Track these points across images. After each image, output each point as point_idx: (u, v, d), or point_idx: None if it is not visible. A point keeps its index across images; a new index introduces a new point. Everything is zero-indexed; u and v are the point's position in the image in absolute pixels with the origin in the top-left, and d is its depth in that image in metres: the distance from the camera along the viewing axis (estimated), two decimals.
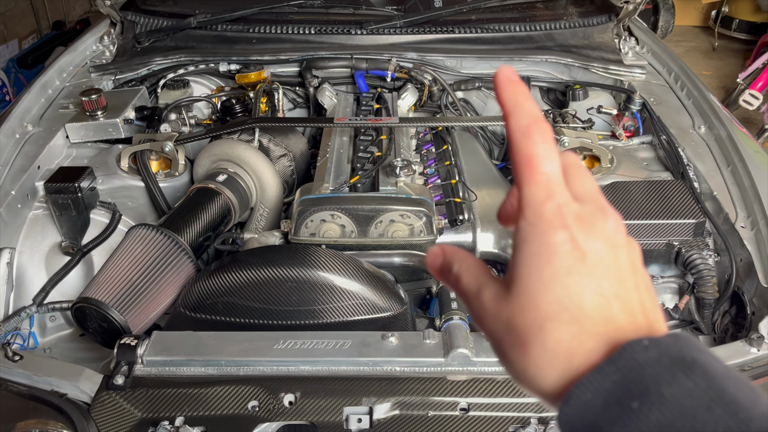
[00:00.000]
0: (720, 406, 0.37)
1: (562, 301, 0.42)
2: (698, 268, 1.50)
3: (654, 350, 0.40)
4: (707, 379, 0.38)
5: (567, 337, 0.42)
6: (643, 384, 0.38)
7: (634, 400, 0.38)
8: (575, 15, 2.38)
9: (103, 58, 2.34)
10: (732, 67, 5.66)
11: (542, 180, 0.44)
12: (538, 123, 0.45)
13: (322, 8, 2.37)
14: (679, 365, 0.39)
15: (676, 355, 0.39)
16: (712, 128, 1.87)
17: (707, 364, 0.39)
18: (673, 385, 0.38)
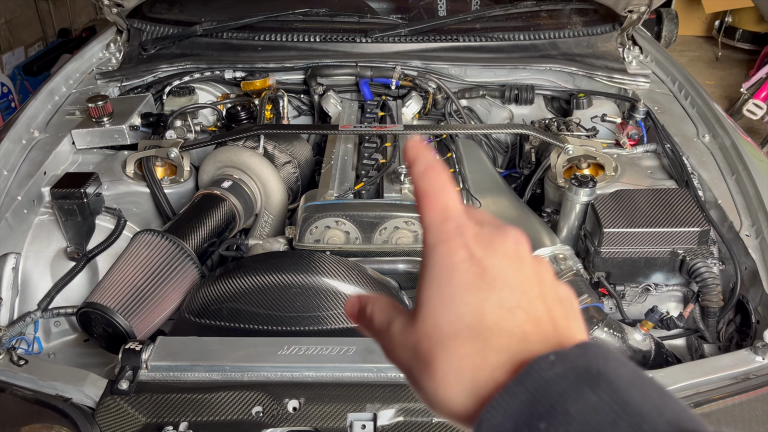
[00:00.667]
0: (624, 420, 0.37)
1: (463, 318, 0.42)
2: (703, 277, 1.50)
3: (560, 365, 0.39)
4: (612, 391, 0.38)
5: (470, 352, 0.42)
6: (550, 403, 0.38)
7: (542, 420, 0.37)
8: (579, 24, 2.39)
9: (110, 65, 2.36)
10: (735, 77, 5.67)
11: (439, 206, 0.46)
12: (434, 167, 0.47)
13: (327, 16, 2.38)
14: (585, 379, 0.38)
15: (582, 368, 0.39)
16: (716, 137, 1.87)
17: (613, 374, 0.39)
18: (578, 402, 0.37)
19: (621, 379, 0.39)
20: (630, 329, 1.49)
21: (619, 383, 0.38)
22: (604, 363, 0.39)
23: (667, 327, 1.52)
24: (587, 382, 0.38)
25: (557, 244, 1.64)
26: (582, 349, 0.40)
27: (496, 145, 2.35)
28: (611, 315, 1.55)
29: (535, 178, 1.96)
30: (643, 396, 0.38)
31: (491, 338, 0.42)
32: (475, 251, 0.44)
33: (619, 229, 1.54)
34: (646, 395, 0.38)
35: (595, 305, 1.49)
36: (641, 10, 2.21)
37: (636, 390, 0.38)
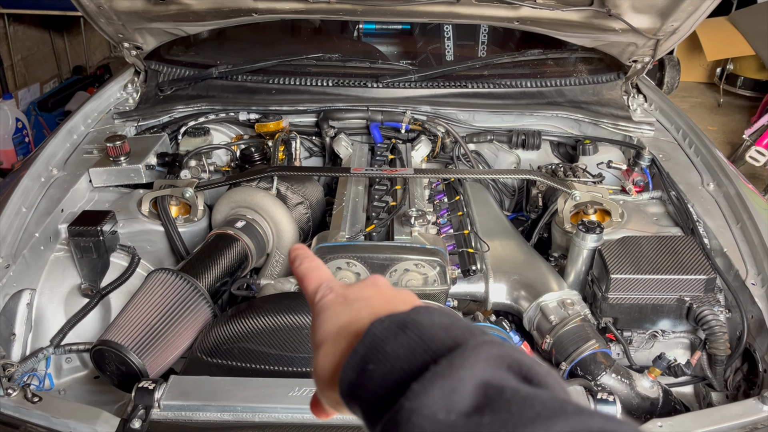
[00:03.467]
0: (420, 347, 0.49)
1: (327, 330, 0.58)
2: (710, 324, 1.51)
3: (387, 321, 0.52)
4: (416, 330, 0.50)
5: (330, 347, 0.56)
6: (376, 349, 0.51)
7: (371, 362, 0.50)
8: (585, 72, 2.45)
9: (127, 105, 2.42)
10: (737, 123, 5.74)
11: (314, 280, 0.64)
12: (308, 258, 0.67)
13: (340, 62, 2.45)
14: (401, 326, 0.51)
15: (400, 320, 0.52)
16: (721, 185, 1.90)
17: (422, 320, 0.51)
18: (393, 342, 0.50)
19: (429, 322, 0.51)
20: (638, 376, 1.50)
21: (423, 324, 0.51)
22: (419, 314, 0.52)
23: (675, 374, 1.53)
24: (401, 327, 0.51)
25: (565, 289, 1.66)
26: (411, 309, 0.53)
27: (503, 189, 2.38)
28: (619, 361, 1.56)
29: (542, 223, 1.99)
30: (441, 328, 0.50)
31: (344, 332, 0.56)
32: (339, 290, 0.62)
33: (626, 275, 1.57)
34: (443, 327, 0.51)
35: (602, 351, 1.50)
36: (645, 60, 2.27)
37: (440, 328, 0.50)
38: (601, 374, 1.47)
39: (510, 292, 1.70)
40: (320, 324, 0.59)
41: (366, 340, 0.52)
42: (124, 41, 2.32)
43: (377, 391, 0.49)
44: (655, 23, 2.04)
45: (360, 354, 0.51)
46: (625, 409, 1.44)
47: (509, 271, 1.72)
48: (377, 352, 0.50)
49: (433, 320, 0.52)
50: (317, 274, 0.65)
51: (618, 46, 2.25)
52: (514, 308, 1.70)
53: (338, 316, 0.59)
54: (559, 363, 1.53)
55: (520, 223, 2.22)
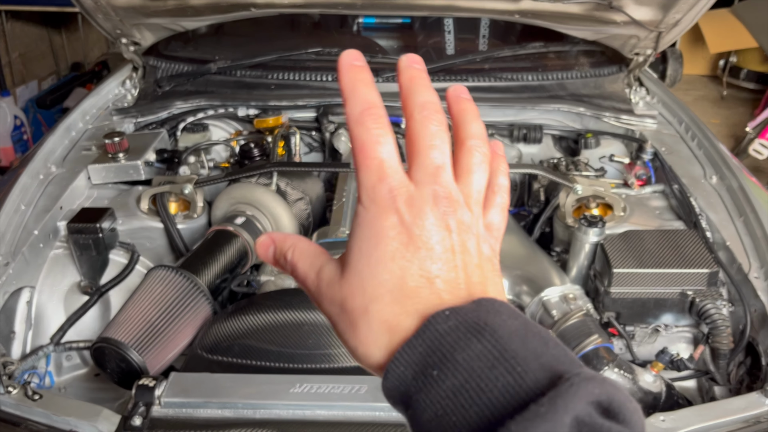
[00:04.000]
0: (501, 364, 0.40)
1: (386, 284, 0.45)
2: (712, 318, 1.51)
3: (453, 319, 0.42)
4: (494, 340, 0.41)
5: (389, 317, 0.45)
6: (442, 352, 0.42)
7: (435, 368, 0.41)
8: (587, 65, 2.43)
9: (125, 101, 2.41)
10: (740, 116, 5.72)
11: (374, 165, 0.46)
12: (371, 109, 0.47)
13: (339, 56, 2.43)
14: (473, 330, 0.42)
15: (471, 321, 0.42)
16: (724, 179, 1.89)
17: (499, 326, 0.42)
18: (465, 350, 0.41)
19: (504, 329, 0.42)
20: (640, 370, 1.49)
21: (501, 332, 0.42)
22: (493, 316, 0.43)
23: (678, 368, 1.52)
24: (474, 333, 0.42)
25: (567, 284, 1.65)
26: (476, 305, 0.44)
27: None
28: (621, 356, 1.55)
29: (544, 217, 1.98)
30: (523, 343, 0.42)
31: (408, 303, 0.44)
32: (405, 217, 0.45)
33: (628, 269, 1.56)
34: (527, 342, 0.42)
35: (605, 346, 1.50)
36: (647, 53, 2.25)
37: (517, 338, 0.42)
38: (603, 369, 1.46)
39: (512, 287, 1.69)
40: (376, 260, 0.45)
41: (427, 335, 0.43)
42: (122, 37, 2.31)
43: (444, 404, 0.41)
44: (657, 15, 2.02)
45: (419, 351, 0.42)
46: None
47: (511, 266, 1.71)
48: (443, 356, 0.42)
49: (507, 325, 0.42)
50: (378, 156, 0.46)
51: (620, 39, 2.23)
52: (516, 303, 1.69)
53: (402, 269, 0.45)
54: None
55: (522, 217, 2.20)
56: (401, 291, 0.45)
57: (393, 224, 0.45)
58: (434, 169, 0.47)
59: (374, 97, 0.48)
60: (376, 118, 0.47)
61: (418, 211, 0.46)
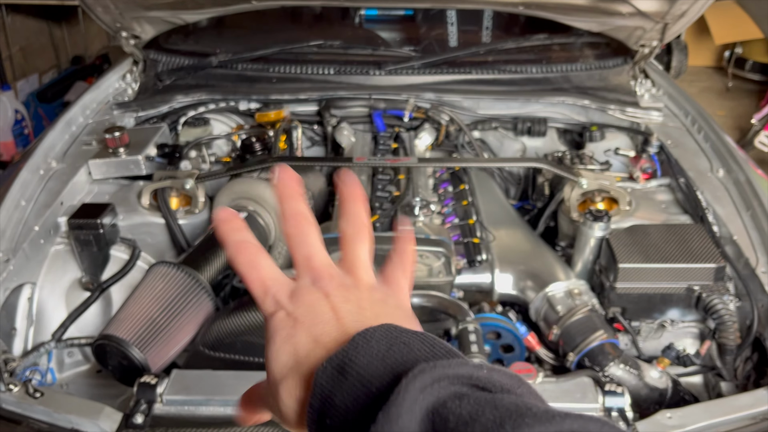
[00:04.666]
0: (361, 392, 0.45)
1: (287, 364, 0.52)
2: (719, 314, 1.49)
3: (329, 367, 0.47)
4: (356, 373, 0.46)
5: (292, 387, 0.51)
6: (328, 402, 0.46)
7: (326, 417, 0.46)
8: (591, 57, 2.41)
9: (126, 95, 2.39)
10: (746, 108, 5.68)
11: (256, 283, 0.56)
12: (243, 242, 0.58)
13: (341, 49, 2.41)
14: (341, 371, 0.47)
15: (338, 363, 0.47)
16: (731, 172, 1.87)
17: (359, 358, 0.47)
18: (339, 393, 0.46)
19: (363, 358, 0.47)
20: (646, 366, 1.48)
21: (360, 362, 0.46)
22: (357, 350, 0.47)
23: (684, 364, 1.51)
24: (341, 372, 0.47)
25: (572, 279, 1.64)
26: (347, 344, 0.48)
27: (508, 177, 2.36)
28: (627, 351, 1.54)
29: (548, 211, 1.96)
30: (379, 359, 0.46)
31: (304, 370, 0.51)
32: (289, 308, 0.54)
33: (634, 264, 1.54)
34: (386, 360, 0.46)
35: (610, 341, 1.48)
36: (653, 45, 2.23)
37: (377, 360, 0.46)
38: (609, 365, 1.45)
39: (516, 283, 1.68)
40: (275, 352, 0.53)
41: (316, 393, 0.48)
42: (122, 30, 2.28)
43: None
44: (663, 6, 1.99)
45: (316, 408, 0.47)
46: (634, 400, 1.42)
47: (515, 261, 1.70)
48: (329, 406, 0.47)
49: (371, 350, 0.47)
50: (259, 275, 0.56)
51: (625, 31, 2.21)
52: (520, 299, 1.68)
53: (293, 346, 0.52)
54: (566, 354, 1.51)
55: (526, 211, 2.19)
56: (298, 363, 0.51)
57: (281, 318, 0.53)
58: (305, 260, 0.57)
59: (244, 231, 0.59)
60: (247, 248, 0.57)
61: (298, 297, 0.54)
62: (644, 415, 1.25)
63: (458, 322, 1.46)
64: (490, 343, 1.58)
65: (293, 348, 0.52)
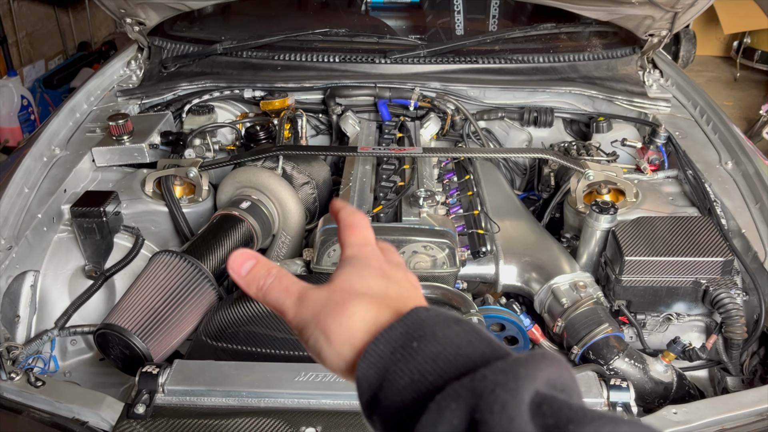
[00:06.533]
0: (478, 341, 0.50)
1: (373, 289, 0.56)
2: (726, 308, 1.48)
3: (433, 311, 0.52)
4: (471, 327, 0.51)
5: (374, 307, 0.54)
6: (423, 330, 0.50)
7: (415, 341, 0.49)
8: (599, 47, 2.38)
9: (130, 82, 2.38)
10: (754, 98, 5.63)
11: (360, 235, 0.63)
12: (359, 213, 0.65)
13: (347, 37, 2.39)
14: (452, 320, 0.51)
15: (450, 315, 0.52)
16: (739, 164, 1.85)
17: (472, 322, 0.52)
18: (445, 329, 0.50)
19: (475, 324, 0.52)
20: (651, 360, 1.47)
21: (475, 325, 0.52)
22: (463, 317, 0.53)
23: (690, 358, 1.50)
24: (453, 321, 0.51)
25: (577, 271, 1.63)
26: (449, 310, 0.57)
27: (514, 167, 2.34)
28: (632, 344, 1.52)
29: (554, 203, 1.94)
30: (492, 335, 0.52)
31: (389, 302, 0.55)
32: (384, 266, 0.60)
33: (640, 257, 1.52)
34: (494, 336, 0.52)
35: (615, 334, 1.47)
36: (662, 34, 2.20)
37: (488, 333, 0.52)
38: (613, 358, 1.43)
39: (521, 274, 1.66)
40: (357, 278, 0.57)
41: (408, 319, 0.51)
42: (127, 17, 2.27)
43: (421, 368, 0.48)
44: None
45: (399, 331, 0.50)
46: (638, 394, 1.41)
47: (520, 252, 1.69)
48: (424, 332, 0.49)
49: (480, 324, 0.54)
50: (365, 232, 0.63)
51: (634, 20, 2.18)
52: (524, 290, 1.66)
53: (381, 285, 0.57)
54: (570, 347, 1.50)
55: (532, 202, 2.17)
56: (385, 295, 0.56)
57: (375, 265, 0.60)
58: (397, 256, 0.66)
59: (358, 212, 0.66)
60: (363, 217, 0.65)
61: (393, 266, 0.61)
62: (649, 409, 1.24)
63: (462, 313, 1.45)
64: (494, 335, 1.57)
65: (385, 285, 0.57)
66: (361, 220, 0.64)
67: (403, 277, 0.61)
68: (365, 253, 0.61)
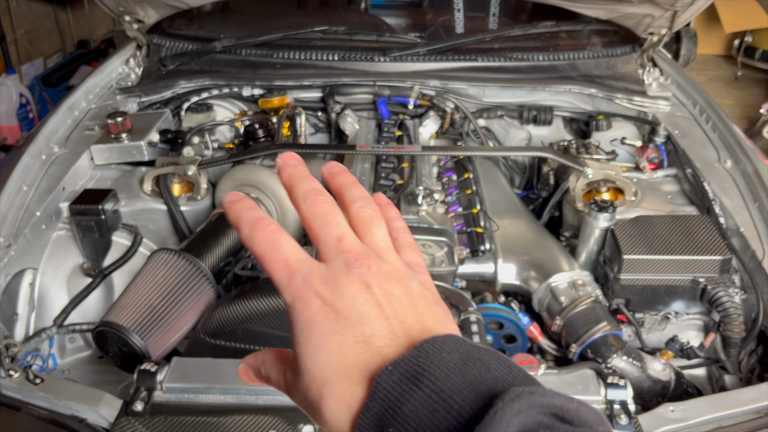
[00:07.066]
0: (441, 406, 0.42)
1: (329, 365, 0.47)
2: (724, 306, 1.48)
3: (396, 372, 0.44)
4: (431, 383, 0.43)
5: (341, 393, 0.46)
6: (393, 409, 0.43)
7: (389, 425, 0.43)
8: (599, 45, 2.38)
9: (129, 80, 2.37)
10: (755, 97, 5.63)
11: (280, 266, 0.49)
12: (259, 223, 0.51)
13: (346, 35, 2.39)
14: (413, 379, 0.43)
15: (412, 370, 0.44)
16: (738, 163, 1.85)
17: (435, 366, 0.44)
18: (410, 401, 0.43)
19: (442, 369, 0.44)
20: (649, 358, 1.47)
21: (438, 374, 0.43)
22: (432, 358, 0.44)
23: (688, 357, 1.50)
24: (415, 381, 0.43)
25: (576, 270, 1.63)
26: (416, 350, 0.45)
27: (513, 166, 2.34)
28: (630, 343, 1.52)
29: (553, 201, 1.94)
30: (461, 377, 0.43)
31: (354, 374, 0.46)
32: (326, 296, 0.48)
33: (639, 256, 1.53)
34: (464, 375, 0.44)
35: (613, 333, 1.47)
36: (662, 33, 2.20)
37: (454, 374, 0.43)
38: (612, 357, 1.44)
39: (519, 273, 1.66)
40: (313, 348, 0.47)
41: (377, 396, 0.44)
42: (125, 14, 2.27)
43: None
44: None
45: (374, 413, 0.44)
46: (636, 393, 1.41)
47: (519, 250, 1.69)
48: (394, 412, 0.43)
49: (446, 363, 0.44)
50: (281, 256, 0.49)
51: (634, 18, 2.18)
52: (523, 289, 1.66)
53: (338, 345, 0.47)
54: (569, 345, 1.50)
55: (531, 201, 2.17)
56: (344, 365, 0.46)
57: (317, 308, 0.47)
58: (335, 241, 0.50)
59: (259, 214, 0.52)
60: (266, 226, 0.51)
61: (335, 284, 0.48)
62: (647, 408, 1.25)
63: (460, 312, 1.45)
64: (493, 334, 1.57)
65: (338, 347, 0.47)
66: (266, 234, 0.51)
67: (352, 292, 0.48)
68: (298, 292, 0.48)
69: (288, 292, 0.49)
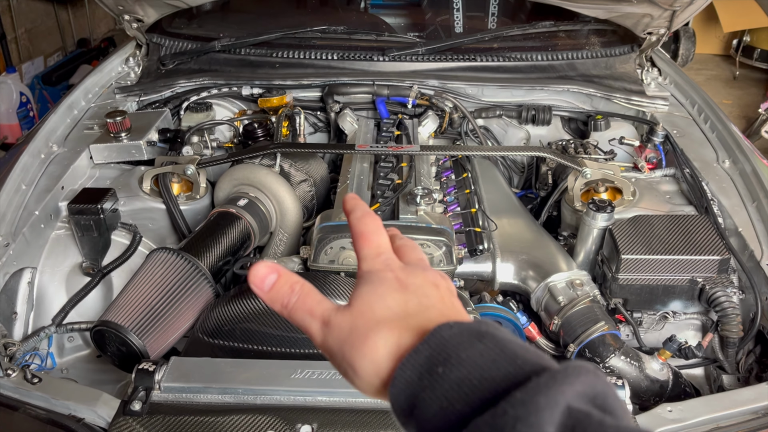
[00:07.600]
0: (502, 359, 0.48)
1: (392, 309, 0.55)
2: (722, 306, 1.48)
3: (457, 328, 0.51)
4: (494, 342, 0.49)
5: (396, 331, 0.53)
6: (447, 353, 0.49)
7: (440, 365, 0.48)
8: (598, 45, 2.38)
9: (128, 79, 2.37)
10: (753, 97, 5.63)
11: (373, 245, 0.61)
12: (369, 214, 0.64)
13: (345, 34, 2.39)
14: (475, 335, 0.50)
15: (473, 329, 0.51)
16: (737, 162, 1.85)
17: (496, 334, 0.50)
18: (468, 349, 0.49)
19: (501, 337, 0.50)
20: (647, 358, 1.47)
21: (500, 338, 0.50)
22: (490, 327, 0.51)
23: (686, 356, 1.50)
24: (477, 336, 0.50)
25: (574, 269, 1.63)
26: (476, 321, 0.52)
27: (512, 165, 2.34)
28: (628, 342, 1.53)
29: (551, 201, 1.95)
30: (517, 347, 0.50)
31: (411, 321, 0.54)
32: (399, 275, 0.58)
33: (637, 255, 1.53)
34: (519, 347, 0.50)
35: (611, 333, 1.47)
36: (660, 32, 2.20)
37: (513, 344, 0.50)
38: (609, 356, 1.44)
39: (518, 272, 1.66)
40: (381, 296, 0.56)
41: (432, 341, 0.50)
42: (125, 13, 2.27)
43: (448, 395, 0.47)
44: None
45: (424, 355, 0.49)
46: (634, 392, 1.42)
47: (517, 250, 1.69)
48: (448, 355, 0.48)
49: (509, 336, 0.50)
50: (376, 240, 0.62)
51: (632, 18, 2.18)
52: (521, 288, 1.66)
53: (399, 302, 0.55)
54: (567, 344, 1.50)
55: (529, 200, 2.17)
56: (405, 314, 0.55)
57: (391, 278, 0.58)
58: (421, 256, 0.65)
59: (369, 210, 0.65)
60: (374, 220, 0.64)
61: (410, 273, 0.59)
62: (645, 407, 1.25)
63: None
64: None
65: (403, 301, 0.55)
66: (373, 225, 0.63)
67: (422, 281, 0.58)
68: (380, 266, 0.59)
69: (368, 262, 0.60)
